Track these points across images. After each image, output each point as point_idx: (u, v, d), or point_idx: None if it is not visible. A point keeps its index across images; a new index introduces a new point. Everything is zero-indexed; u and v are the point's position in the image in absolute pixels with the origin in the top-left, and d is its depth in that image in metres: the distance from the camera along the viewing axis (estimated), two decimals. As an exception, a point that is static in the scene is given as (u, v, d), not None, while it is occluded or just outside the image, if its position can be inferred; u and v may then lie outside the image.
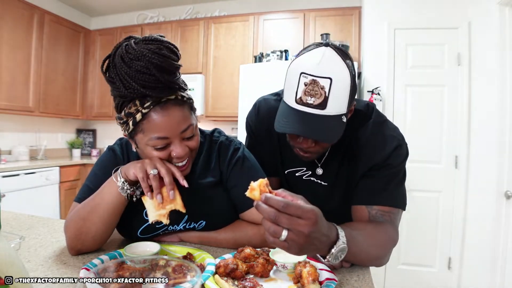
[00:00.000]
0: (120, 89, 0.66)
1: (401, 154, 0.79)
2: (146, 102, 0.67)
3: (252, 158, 0.87)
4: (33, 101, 3.09)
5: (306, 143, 0.73)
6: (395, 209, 0.77)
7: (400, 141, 0.80)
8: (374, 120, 0.82)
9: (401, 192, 0.80)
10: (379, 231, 0.73)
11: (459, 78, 2.30)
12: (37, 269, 0.65)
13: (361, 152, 0.81)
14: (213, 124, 3.40)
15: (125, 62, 0.64)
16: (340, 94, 0.66)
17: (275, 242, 0.52)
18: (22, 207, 2.45)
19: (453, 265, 2.31)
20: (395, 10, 2.43)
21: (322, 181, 0.88)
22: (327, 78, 0.64)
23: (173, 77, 0.69)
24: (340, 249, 0.57)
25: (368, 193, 0.78)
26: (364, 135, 0.81)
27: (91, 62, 3.78)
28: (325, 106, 0.65)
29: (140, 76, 0.64)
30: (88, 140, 4.12)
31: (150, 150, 0.71)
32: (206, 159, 0.85)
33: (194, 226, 0.82)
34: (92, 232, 0.72)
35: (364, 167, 0.80)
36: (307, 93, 0.66)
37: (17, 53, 2.92)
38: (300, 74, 0.66)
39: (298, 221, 0.50)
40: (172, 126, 0.69)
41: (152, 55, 0.64)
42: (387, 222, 0.76)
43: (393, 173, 0.78)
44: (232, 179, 0.82)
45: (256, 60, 2.95)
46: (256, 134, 0.95)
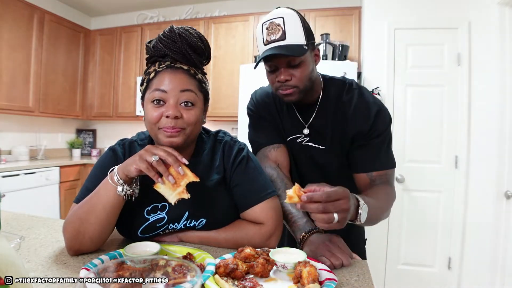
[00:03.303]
0: (149, 51, 0.80)
1: (383, 120, 0.93)
2: (163, 64, 0.77)
3: (256, 159, 0.89)
4: (33, 101, 3.09)
5: (283, 74, 0.87)
6: (389, 170, 0.94)
7: (379, 106, 0.94)
8: (358, 90, 0.96)
9: (390, 155, 0.96)
10: (381, 193, 0.88)
11: (459, 78, 2.30)
12: (37, 269, 0.65)
13: (350, 118, 0.94)
14: (213, 124, 3.40)
15: (163, 33, 0.79)
16: (294, 27, 0.84)
17: (330, 226, 0.63)
18: (22, 207, 2.45)
19: (453, 265, 2.31)
20: (395, 10, 2.43)
21: (319, 145, 0.99)
22: (280, 18, 0.84)
23: (193, 52, 0.78)
24: (364, 208, 0.71)
25: (365, 162, 0.94)
26: (352, 103, 0.95)
27: (91, 62, 3.78)
28: (285, 37, 0.83)
29: (166, 41, 0.77)
30: (88, 140, 4.12)
31: (149, 107, 0.76)
32: (210, 157, 0.86)
33: (195, 224, 0.82)
34: (90, 233, 0.72)
35: (353, 131, 0.94)
36: (269, 33, 0.85)
37: (17, 53, 2.92)
38: (261, 25, 0.87)
39: (339, 202, 0.63)
40: (173, 83, 0.75)
41: (181, 29, 0.78)
42: (385, 183, 0.93)
43: (381, 141, 0.93)
44: (235, 178, 0.83)
45: (256, 60, 2.95)
46: (256, 112, 1.07)
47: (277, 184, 0.92)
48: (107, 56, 3.73)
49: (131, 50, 3.63)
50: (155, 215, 0.80)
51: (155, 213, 0.80)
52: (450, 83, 2.32)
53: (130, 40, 3.63)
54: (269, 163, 0.98)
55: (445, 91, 2.34)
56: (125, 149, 0.86)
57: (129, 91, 3.63)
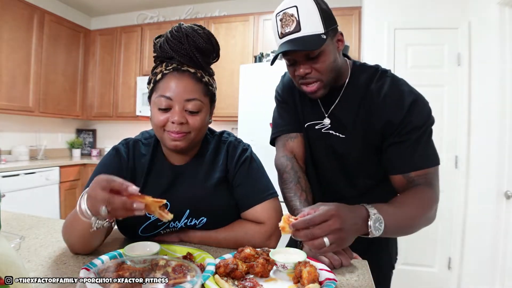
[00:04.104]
0: (157, 50, 0.79)
1: (421, 112, 0.81)
2: (169, 66, 0.76)
3: (259, 160, 0.90)
4: (33, 101, 3.09)
5: (302, 67, 0.81)
6: (429, 169, 0.81)
7: (416, 95, 0.82)
8: (391, 78, 0.86)
9: (430, 151, 0.82)
10: (411, 197, 0.77)
11: (459, 78, 2.30)
12: (37, 269, 0.65)
13: (378, 107, 0.83)
14: (213, 124, 3.38)
15: (170, 32, 0.77)
16: (309, 14, 0.76)
17: (325, 251, 0.59)
18: (22, 207, 2.45)
19: (453, 265, 2.31)
20: (395, 10, 2.43)
21: (340, 134, 0.90)
22: (293, 7, 0.77)
23: (200, 55, 0.77)
24: (375, 219, 0.63)
25: (401, 162, 0.82)
26: (382, 91, 0.84)
27: (91, 62, 3.78)
28: (300, 28, 0.77)
29: (173, 42, 0.76)
30: (88, 140, 4.12)
31: (155, 111, 0.76)
32: (213, 156, 0.86)
33: (195, 222, 0.82)
34: (76, 246, 0.72)
35: (381, 122, 0.83)
36: (283, 26, 0.79)
37: (17, 53, 2.92)
38: (275, 16, 0.81)
39: (327, 224, 0.57)
40: (178, 90, 0.74)
41: (189, 29, 0.76)
42: (422, 184, 0.80)
43: (418, 137, 0.80)
44: (238, 177, 0.84)
45: (256, 60, 2.95)
46: (282, 96, 1.03)
47: (290, 176, 0.91)
48: (107, 56, 3.73)
49: (131, 50, 3.63)
50: None
51: None
52: (450, 83, 2.32)
53: (130, 40, 3.63)
54: (286, 152, 0.96)
55: (445, 91, 2.33)
56: (129, 148, 0.85)
57: (129, 91, 3.63)
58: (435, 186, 0.81)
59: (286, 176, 0.92)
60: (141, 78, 3.49)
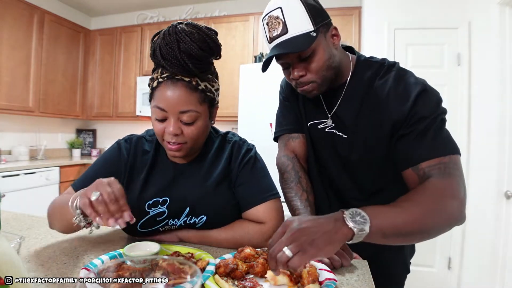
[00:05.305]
0: (151, 55, 0.76)
1: (428, 101, 0.74)
2: (164, 73, 0.74)
3: (263, 160, 0.90)
4: (33, 101, 3.09)
5: (296, 70, 0.78)
6: (443, 158, 0.69)
7: (423, 85, 0.76)
8: (396, 72, 0.80)
9: (442, 140, 0.72)
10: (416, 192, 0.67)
11: (459, 78, 2.30)
12: (37, 269, 0.65)
13: (383, 102, 0.77)
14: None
15: (163, 35, 0.72)
16: (295, 14, 0.73)
17: (293, 262, 0.52)
18: (22, 207, 2.45)
19: (453, 265, 2.31)
20: (395, 10, 2.43)
21: (343, 134, 0.85)
22: (277, 9, 0.74)
23: (194, 62, 0.71)
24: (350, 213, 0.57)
25: (408, 153, 0.73)
26: (386, 87, 0.78)
27: (91, 62, 3.78)
28: (287, 30, 0.73)
29: (165, 48, 0.71)
30: (88, 140, 4.12)
31: (154, 119, 0.76)
32: (216, 155, 0.86)
33: (195, 221, 0.82)
34: (55, 225, 0.80)
35: (390, 120, 0.76)
36: (270, 29, 0.76)
37: (17, 53, 2.92)
38: (262, 21, 0.78)
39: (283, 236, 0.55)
40: (172, 102, 0.72)
41: (181, 34, 0.70)
42: (435, 175, 0.68)
43: (426, 126, 0.72)
44: (241, 177, 0.84)
45: (256, 60, 2.95)
46: (285, 93, 1.01)
47: (291, 176, 0.91)
48: (107, 56, 3.73)
49: (131, 50, 3.63)
50: (155, 209, 0.80)
51: (156, 207, 0.80)
52: (450, 83, 2.32)
53: (130, 40, 3.63)
54: (287, 152, 0.96)
55: (445, 91, 2.33)
56: (131, 145, 0.86)
57: (129, 91, 3.63)
58: (453, 177, 0.68)
59: (287, 176, 0.92)
60: (141, 78, 3.49)
